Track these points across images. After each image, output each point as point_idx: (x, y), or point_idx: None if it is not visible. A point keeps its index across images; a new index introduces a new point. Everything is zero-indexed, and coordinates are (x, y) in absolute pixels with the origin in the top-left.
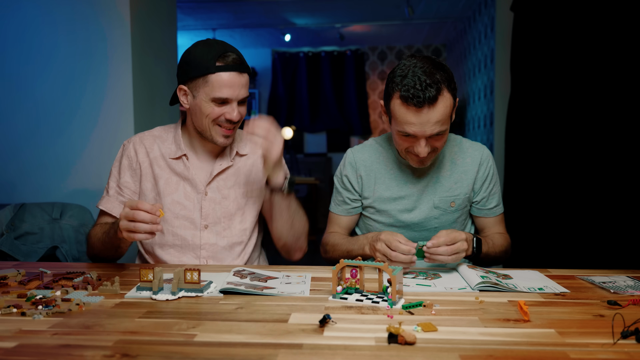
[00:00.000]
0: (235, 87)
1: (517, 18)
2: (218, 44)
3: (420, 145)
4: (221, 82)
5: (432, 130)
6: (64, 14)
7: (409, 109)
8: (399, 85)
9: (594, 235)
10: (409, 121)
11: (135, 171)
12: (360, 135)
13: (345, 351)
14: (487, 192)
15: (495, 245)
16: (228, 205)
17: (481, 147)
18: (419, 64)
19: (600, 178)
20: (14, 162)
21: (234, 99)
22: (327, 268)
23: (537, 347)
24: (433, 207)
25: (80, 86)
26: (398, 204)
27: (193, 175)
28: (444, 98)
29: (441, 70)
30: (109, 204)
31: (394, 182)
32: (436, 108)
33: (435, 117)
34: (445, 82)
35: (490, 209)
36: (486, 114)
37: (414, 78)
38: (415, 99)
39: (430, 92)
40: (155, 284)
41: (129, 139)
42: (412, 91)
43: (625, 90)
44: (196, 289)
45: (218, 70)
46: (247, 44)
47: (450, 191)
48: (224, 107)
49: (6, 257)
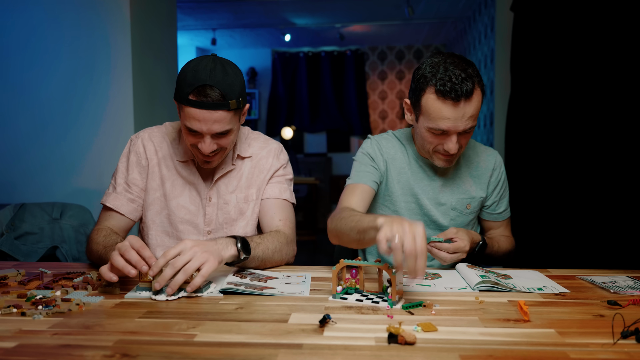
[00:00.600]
0: (206, 123)
1: (517, 18)
2: (204, 71)
3: (451, 141)
4: (191, 115)
5: (465, 125)
6: (68, 18)
7: (445, 103)
8: (433, 79)
9: (594, 235)
10: (444, 116)
11: (143, 168)
12: (360, 135)
13: (345, 351)
14: (498, 197)
15: (500, 247)
16: (229, 210)
17: (494, 152)
18: (449, 60)
19: (600, 178)
20: (17, 163)
21: (204, 132)
22: (327, 268)
23: (537, 347)
24: (450, 209)
25: (82, 87)
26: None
27: (199, 180)
28: (478, 92)
29: (472, 66)
30: (117, 201)
31: (413, 178)
32: (472, 102)
33: (470, 111)
34: (477, 77)
35: (499, 213)
36: (486, 114)
37: (448, 72)
38: (453, 92)
39: (467, 85)
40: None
41: (137, 134)
42: (450, 84)
43: (625, 90)
44: (196, 289)
45: (188, 104)
46: (247, 44)
47: (467, 193)
48: (198, 137)
49: (6, 257)
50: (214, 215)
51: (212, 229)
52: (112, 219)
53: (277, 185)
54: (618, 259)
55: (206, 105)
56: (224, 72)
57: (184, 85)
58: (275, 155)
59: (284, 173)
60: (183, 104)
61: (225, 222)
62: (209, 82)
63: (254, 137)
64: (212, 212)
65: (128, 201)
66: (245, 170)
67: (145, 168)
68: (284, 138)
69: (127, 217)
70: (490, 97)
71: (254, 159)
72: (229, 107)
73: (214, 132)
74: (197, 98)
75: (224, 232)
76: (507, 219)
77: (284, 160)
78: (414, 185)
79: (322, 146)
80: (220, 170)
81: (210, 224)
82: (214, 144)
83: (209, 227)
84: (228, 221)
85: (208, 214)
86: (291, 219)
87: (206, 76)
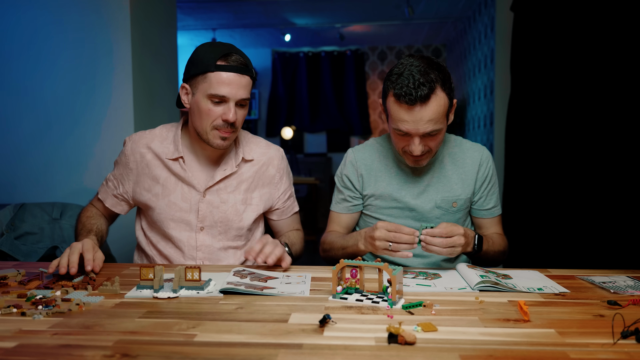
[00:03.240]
0: (233, 86)
1: (517, 18)
2: (225, 45)
3: (414, 143)
4: (219, 80)
5: (425, 129)
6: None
7: (401, 107)
8: (394, 83)
9: (594, 235)
10: (402, 119)
11: (131, 170)
12: (360, 135)
13: (345, 351)
14: (486, 192)
15: (494, 245)
16: (226, 209)
17: (481, 148)
18: (415, 63)
19: (600, 178)
20: (19, 163)
21: (231, 98)
22: (327, 268)
23: (537, 347)
24: (435, 207)
25: (85, 88)
26: (399, 202)
27: (190, 177)
28: (437, 97)
29: (436, 70)
30: (104, 194)
31: (395, 181)
32: (428, 106)
33: (427, 116)
34: (439, 82)
35: (488, 209)
36: (486, 114)
37: (409, 77)
38: (407, 97)
39: (423, 90)
40: (156, 282)
41: (130, 136)
42: (405, 89)
43: (625, 90)
44: (197, 286)
45: (217, 69)
46: (247, 44)
47: (452, 192)
48: (221, 106)
49: (6, 257)
50: (208, 212)
51: (205, 225)
52: (99, 204)
53: (289, 202)
54: (618, 259)
55: (236, 68)
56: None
57: (206, 57)
58: (277, 167)
59: (288, 184)
60: (210, 71)
61: (220, 221)
62: (234, 51)
63: (255, 142)
64: (206, 209)
65: (112, 196)
66: (247, 173)
67: (134, 169)
68: (284, 138)
69: (110, 209)
70: (490, 97)
71: (256, 164)
72: (252, 75)
73: (240, 98)
74: (227, 62)
75: (218, 231)
76: (498, 217)
77: (285, 169)
78: (396, 189)
79: (322, 146)
80: (223, 171)
81: (204, 221)
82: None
83: (202, 223)
84: (223, 220)
85: (202, 210)
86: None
87: (228, 46)
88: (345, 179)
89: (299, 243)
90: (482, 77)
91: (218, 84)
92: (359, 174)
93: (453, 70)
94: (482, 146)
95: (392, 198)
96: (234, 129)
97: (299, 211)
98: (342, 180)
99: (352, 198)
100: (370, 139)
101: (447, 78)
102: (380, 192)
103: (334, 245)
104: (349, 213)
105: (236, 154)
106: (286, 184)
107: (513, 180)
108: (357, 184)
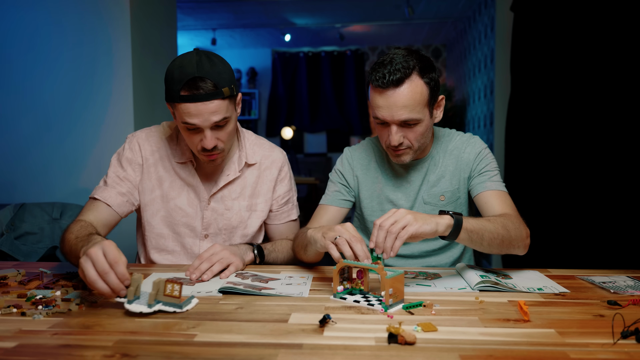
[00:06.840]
0: (202, 116)
1: (517, 18)
2: (191, 66)
3: (391, 132)
4: (186, 111)
5: (400, 116)
6: (70, 21)
7: (376, 91)
8: (374, 71)
9: (594, 235)
10: (377, 104)
11: (139, 166)
12: (360, 135)
13: (345, 351)
14: (477, 172)
15: (494, 223)
16: (231, 217)
17: (475, 142)
18: (397, 52)
19: (600, 178)
20: (19, 163)
21: (203, 126)
22: (327, 268)
23: (537, 347)
24: (423, 204)
25: (85, 87)
26: (394, 204)
27: (197, 182)
28: (412, 82)
29: (416, 59)
30: (106, 193)
31: (390, 182)
32: (401, 91)
33: (401, 101)
34: (416, 69)
35: (483, 183)
36: (486, 114)
37: (387, 64)
38: (380, 81)
39: (395, 74)
40: (130, 293)
41: (134, 133)
42: (379, 74)
43: (625, 90)
44: (175, 304)
45: (182, 100)
46: (247, 44)
47: (440, 186)
48: (198, 134)
49: (6, 257)
50: (212, 219)
51: (209, 233)
52: (96, 211)
53: (286, 207)
54: (618, 259)
55: (200, 97)
56: (211, 63)
57: (173, 83)
58: (279, 169)
59: (287, 188)
60: (176, 102)
61: (224, 228)
62: (198, 74)
63: (258, 144)
64: (211, 216)
65: (118, 194)
66: (250, 178)
67: (140, 166)
68: (284, 138)
69: (114, 209)
70: (490, 97)
71: (259, 168)
72: (222, 95)
73: (212, 123)
74: (190, 92)
75: (223, 238)
76: (497, 192)
77: (287, 173)
78: (390, 189)
79: (322, 146)
80: (226, 177)
81: (208, 228)
82: (214, 138)
83: (206, 231)
84: (228, 227)
85: (206, 217)
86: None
87: (193, 69)
88: (341, 175)
89: (283, 252)
90: (482, 77)
91: (186, 114)
92: (354, 175)
93: (453, 71)
94: (470, 135)
95: (388, 200)
96: (219, 150)
97: (297, 220)
98: (338, 176)
99: (345, 192)
100: (366, 139)
101: (429, 68)
102: (376, 192)
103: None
104: (339, 207)
105: (239, 158)
106: (285, 187)
107: (513, 180)
108: (352, 182)
